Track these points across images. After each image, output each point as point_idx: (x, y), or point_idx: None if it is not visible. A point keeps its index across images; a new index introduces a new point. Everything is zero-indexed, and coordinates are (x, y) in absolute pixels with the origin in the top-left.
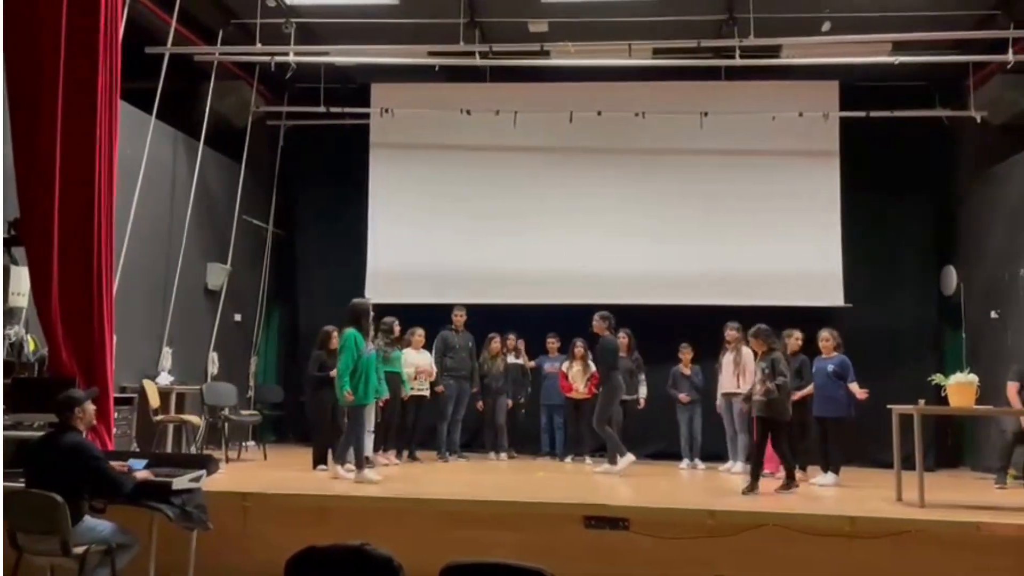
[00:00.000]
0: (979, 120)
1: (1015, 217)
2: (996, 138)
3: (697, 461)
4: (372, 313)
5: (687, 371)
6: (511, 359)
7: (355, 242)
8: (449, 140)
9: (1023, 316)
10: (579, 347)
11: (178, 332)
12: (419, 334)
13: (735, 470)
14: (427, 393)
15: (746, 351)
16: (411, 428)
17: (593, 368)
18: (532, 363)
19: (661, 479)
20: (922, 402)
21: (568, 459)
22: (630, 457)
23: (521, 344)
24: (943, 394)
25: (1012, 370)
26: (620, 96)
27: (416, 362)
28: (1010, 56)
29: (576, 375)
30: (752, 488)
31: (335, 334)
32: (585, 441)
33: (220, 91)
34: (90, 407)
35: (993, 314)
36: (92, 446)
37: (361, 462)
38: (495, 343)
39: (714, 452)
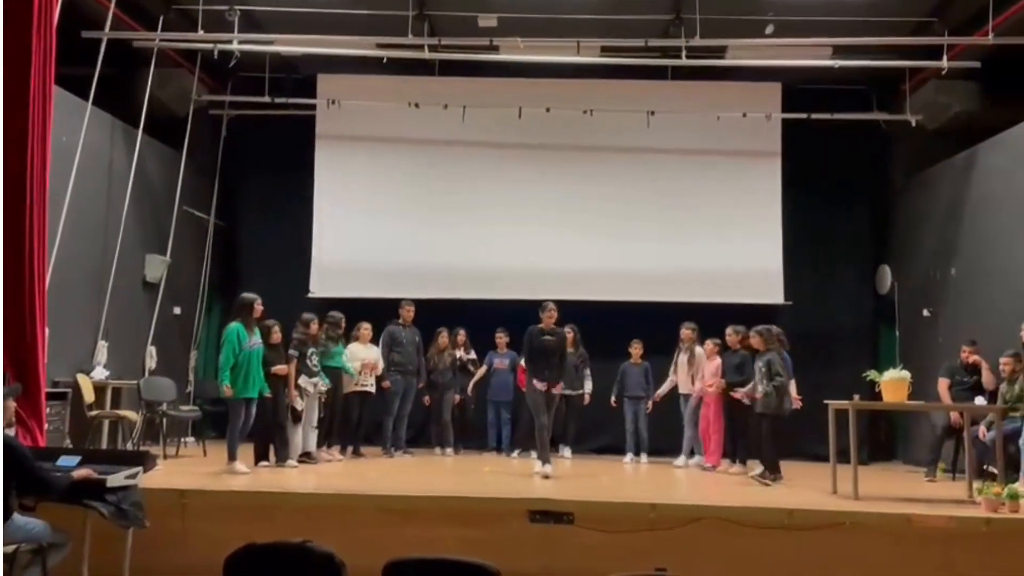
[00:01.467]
0: (914, 124)
1: (946, 218)
2: (930, 142)
3: (643, 456)
4: (260, 308)
5: (636, 366)
6: (460, 354)
7: (300, 235)
8: (397, 133)
9: (954, 314)
10: None
11: (114, 325)
12: (365, 328)
13: (679, 463)
14: (372, 388)
15: (699, 350)
16: (356, 423)
17: None
18: (472, 357)
19: (605, 474)
20: (857, 397)
21: (515, 454)
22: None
23: (462, 338)
24: (877, 390)
25: (943, 366)
26: (569, 93)
27: (363, 356)
28: (944, 62)
29: None
30: (769, 477)
31: (276, 328)
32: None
33: (160, 79)
34: (11, 404)
35: (925, 312)
36: (16, 443)
37: (234, 454)
38: (442, 338)
39: (661, 447)
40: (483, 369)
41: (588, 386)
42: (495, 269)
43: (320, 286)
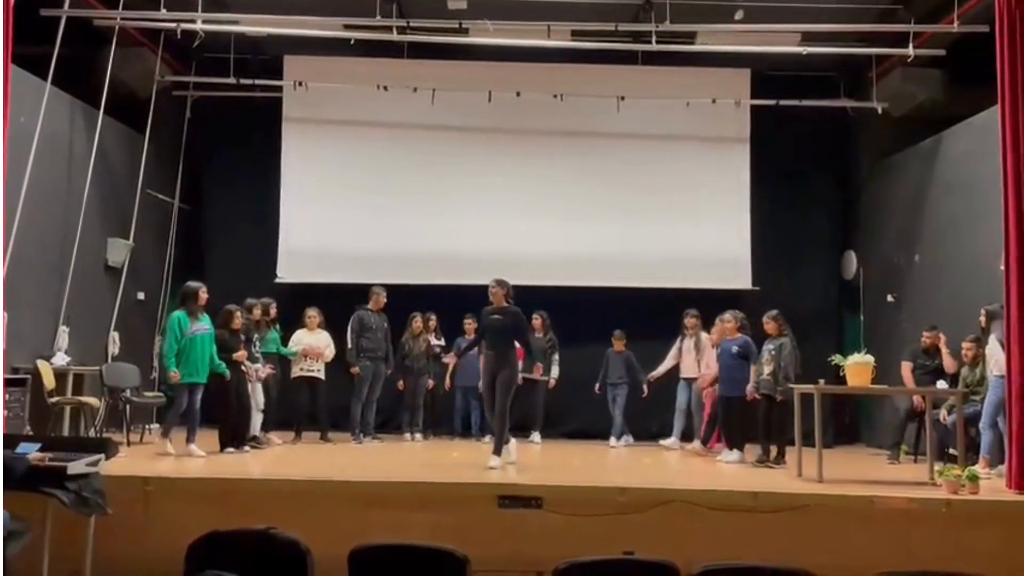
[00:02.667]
0: (880, 111)
1: (911, 205)
2: (896, 129)
3: (613, 439)
4: (204, 296)
5: (619, 355)
6: (432, 339)
7: (266, 218)
8: (365, 116)
9: (917, 300)
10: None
11: (76, 311)
12: (311, 315)
13: (667, 443)
14: (319, 374)
15: (704, 336)
16: (306, 408)
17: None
18: (442, 343)
19: (575, 458)
20: (822, 382)
21: (485, 439)
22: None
23: (433, 323)
24: (841, 374)
25: (905, 350)
26: (539, 77)
27: (307, 342)
28: (910, 50)
29: None
30: (765, 459)
31: (237, 313)
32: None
33: (122, 58)
34: None
35: (889, 297)
36: None
37: (167, 433)
38: (416, 322)
39: (638, 430)
40: (454, 359)
41: (555, 371)
42: (464, 254)
43: (287, 271)
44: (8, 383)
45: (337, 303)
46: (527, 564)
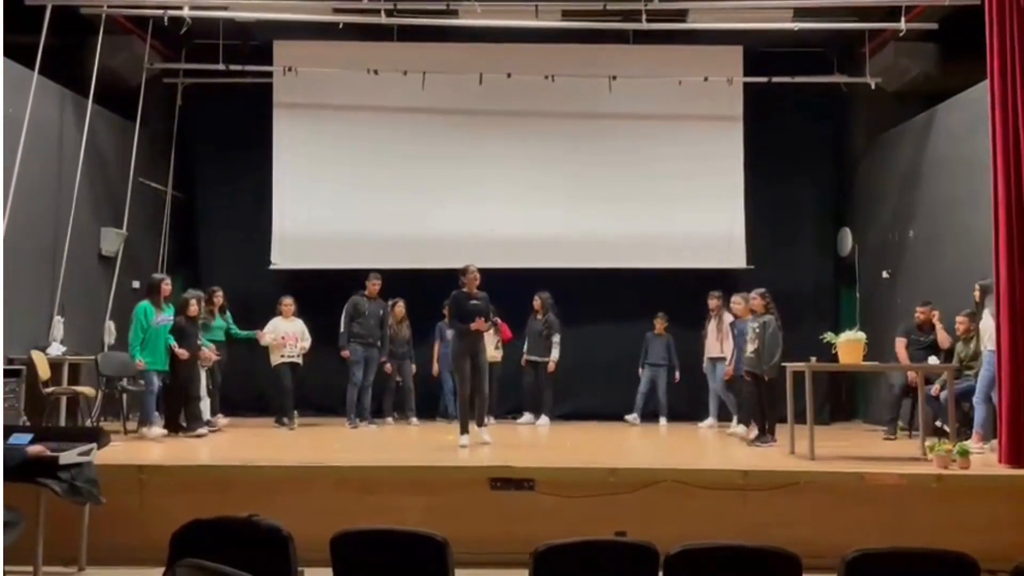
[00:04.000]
0: (874, 87)
1: (905, 181)
2: (889, 104)
3: (662, 420)
4: (167, 287)
5: (660, 337)
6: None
7: (260, 205)
8: (356, 101)
9: (912, 276)
10: None
11: (71, 301)
12: (287, 303)
13: (706, 425)
14: (299, 360)
15: (727, 317)
16: (288, 392)
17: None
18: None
19: (568, 440)
20: (814, 359)
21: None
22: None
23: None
24: (834, 351)
25: (899, 326)
26: (529, 59)
27: (284, 330)
28: (903, 24)
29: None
30: (761, 438)
31: (192, 301)
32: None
33: (110, 46)
34: None
35: (884, 274)
36: None
37: (149, 420)
38: (399, 307)
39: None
40: (438, 345)
41: (555, 353)
42: (457, 237)
43: (282, 257)
44: (3, 374)
45: (335, 289)
46: (519, 546)
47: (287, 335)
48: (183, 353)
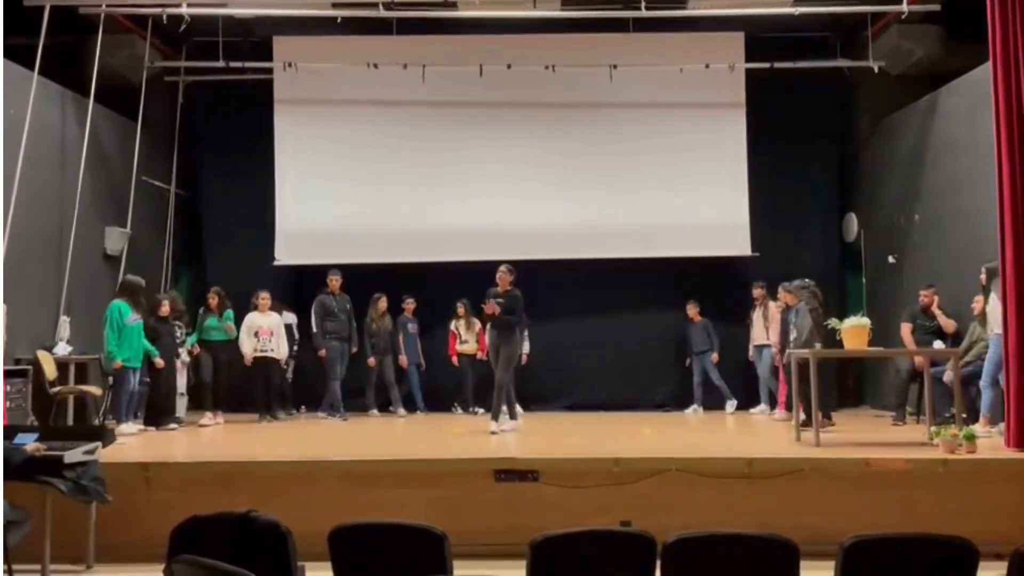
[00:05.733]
0: (877, 70)
1: (910, 164)
2: (894, 88)
3: (729, 405)
4: (143, 287)
5: (696, 324)
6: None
7: (263, 201)
8: (357, 95)
9: (918, 260)
10: (461, 307)
11: (76, 300)
12: (263, 297)
13: (756, 412)
14: (275, 354)
15: (772, 305)
16: (264, 389)
17: (478, 325)
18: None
19: (573, 430)
20: (818, 346)
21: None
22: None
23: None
24: (839, 338)
25: (904, 311)
26: (529, 49)
27: (260, 324)
28: (905, 7)
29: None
30: (807, 424)
31: (164, 302)
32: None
33: (110, 46)
34: None
35: (890, 258)
36: None
37: (121, 418)
38: (382, 302)
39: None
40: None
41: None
42: (462, 230)
43: (286, 253)
44: (9, 374)
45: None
46: (524, 537)
47: (261, 328)
48: (159, 363)
